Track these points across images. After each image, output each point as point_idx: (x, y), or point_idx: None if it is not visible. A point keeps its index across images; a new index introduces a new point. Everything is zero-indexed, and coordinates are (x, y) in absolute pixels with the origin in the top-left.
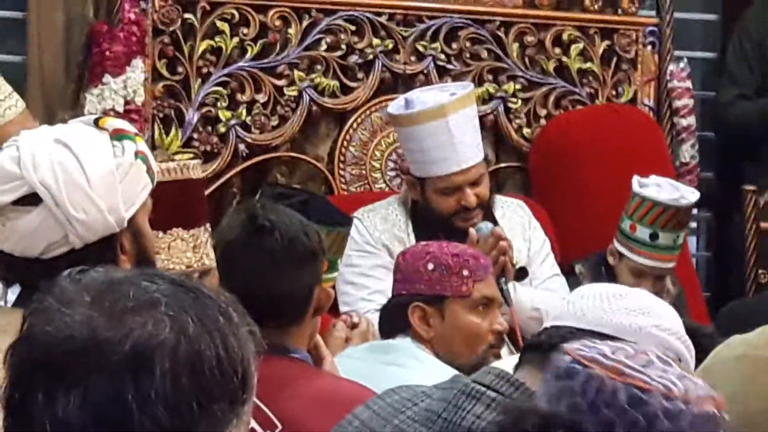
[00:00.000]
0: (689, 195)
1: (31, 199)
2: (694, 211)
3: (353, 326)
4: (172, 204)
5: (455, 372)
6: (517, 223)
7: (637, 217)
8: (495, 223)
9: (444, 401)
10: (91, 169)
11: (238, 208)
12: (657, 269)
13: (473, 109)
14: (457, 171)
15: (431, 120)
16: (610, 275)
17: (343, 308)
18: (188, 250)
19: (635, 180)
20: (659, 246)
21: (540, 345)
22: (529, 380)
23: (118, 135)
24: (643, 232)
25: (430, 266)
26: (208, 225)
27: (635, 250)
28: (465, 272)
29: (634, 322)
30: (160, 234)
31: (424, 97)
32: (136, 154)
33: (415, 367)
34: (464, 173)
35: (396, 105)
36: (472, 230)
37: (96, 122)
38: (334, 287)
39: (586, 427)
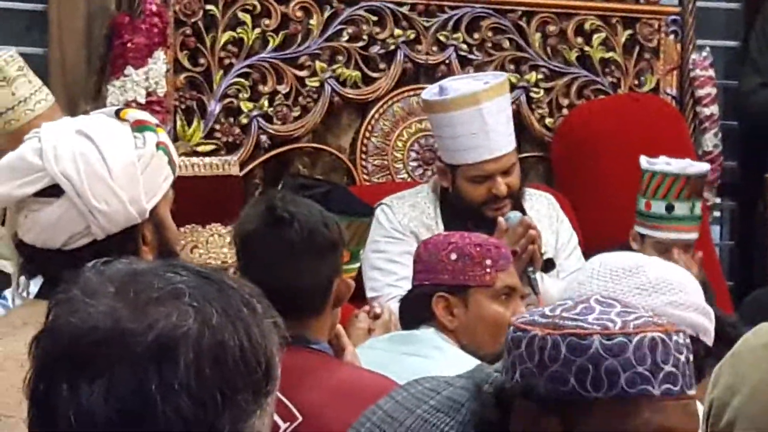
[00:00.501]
0: (699, 165)
1: (53, 191)
2: (718, 200)
3: (375, 317)
4: (211, 199)
5: (477, 362)
6: (545, 215)
7: (650, 193)
8: (524, 213)
9: (466, 390)
10: (113, 161)
11: (258, 199)
12: (680, 241)
13: (506, 99)
14: (489, 159)
15: (465, 107)
16: None
17: (369, 294)
18: (225, 246)
19: (643, 159)
20: (676, 217)
21: None
22: None
23: (139, 126)
24: (658, 207)
25: (453, 256)
26: None
27: (654, 225)
28: (488, 262)
29: (646, 303)
30: (199, 228)
31: (458, 85)
32: (158, 145)
33: (437, 358)
34: (496, 161)
35: (430, 92)
36: (501, 219)
37: (117, 113)
38: (354, 278)
39: (539, 389)
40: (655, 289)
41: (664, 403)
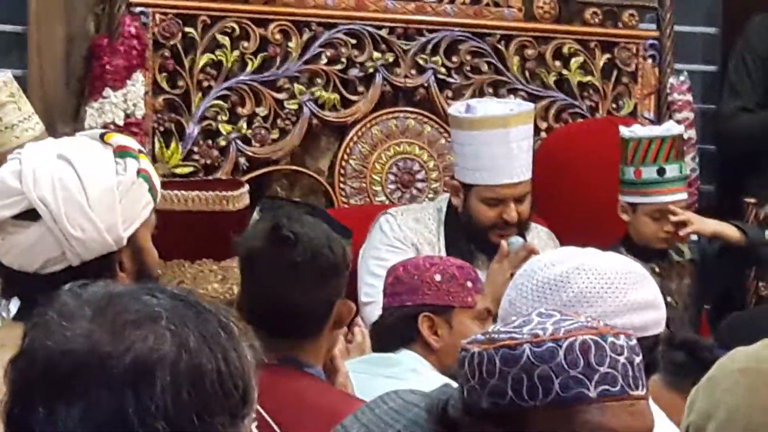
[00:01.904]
0: (677, 125)
1: (31, 215)
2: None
3: (349, 341)
4: (203, 234)
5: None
6: (543, 248)
7: (639, 160)
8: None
9: (427, 411)
10: (92, 187)
11: (264, 216)
12: (675, 202)
13: (530, 128)
14: (507, 183)
15: (494, 128)
16: None
17: (364, 298)
18: (215, 282)
19: (623, 129)
20: (669, 180)
21: None
22: None
23: (121, 152)
24: (649, 172)
25: (438, 277)
26: None
27: (648, 191)
28: (469, 284)
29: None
30: (187, 264)
31: (485, 106)
32: (139, 172)
33: (412, 381)
34: (513, 187)
35: (456, 108)
36: (503, 242)
37: (102, 137)
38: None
39: (482, 404)
40: (581, 303)
41: (604, 404)
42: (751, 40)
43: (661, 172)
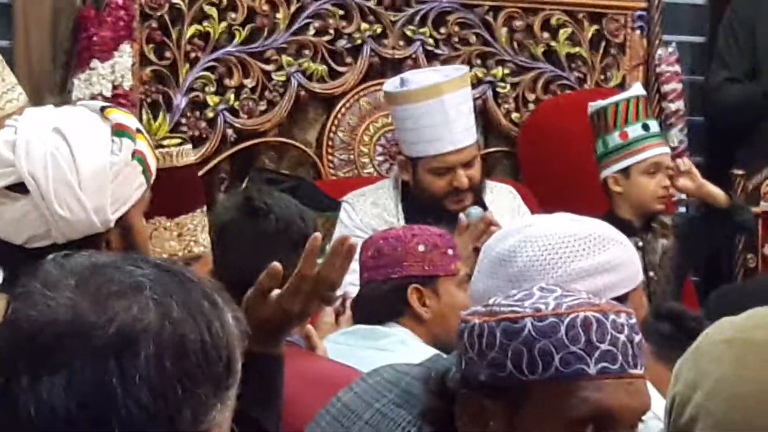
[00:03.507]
0: (638, 86)
1: (21, 188)
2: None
3: (337, 314)
4: (153, 192)
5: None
6: (507, 207)
7: (621, 121)
8: (484, 207)
9: (423, 381)
10: (84, 167)
11: (236, 190)
12: (664, 155)
13: (468, 91)
14: (451, 150)
15: (427, 98)
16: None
17: None
18: (172, 239)
19: (591, 104)
20: (654, 134)
21: None
22: None
23: (118, 131)
24: (635, 130)
25: (421, 247)
26: (199, 211)
27: (639, 149)
28: (450, 251)
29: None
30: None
31: (419, 77)
32: (134, 153)
33: (402, 352)
34: (458, 153)
35: (391, 83)
36: (462, 215)
37: (102, 110)
38: None
39: (480, 375)
40: (526, 278)
41: (602, 381)
42: (739, 11)
43: (645, 127)
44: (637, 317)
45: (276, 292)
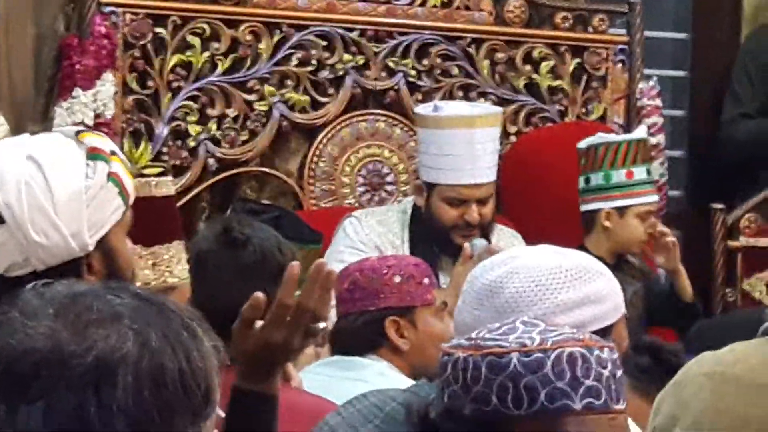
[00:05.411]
0: (643, 129)
1: None
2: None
3: (318, 344)
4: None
5: None
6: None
7: (630, 160)
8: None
9: (406, 412)
10: (59, 192)
11: (215, 219)
12: (656, 203)
13: (497, 132)
14: (470, 184)
15: (459, 127)
16: None
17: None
18: (147, 268)
19: (604, 135)
20: (652, 181)
21: None
22: None
23: (93, 154)
24: (641, 173)
25: (397, 279)
26: (176, 243)
27: (641, 192)
28: (426, 281)
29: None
30: None
31: (454, 105)
32: (109, 176)
33: (383, 385)
34: (476, 188)
35: (424, 108)
36: (466, 245)
37: (77, 134)
38: None
39: (465, 410)
40: (513, 309)
41: (587, 417)
42: (754, 48)
43: (648, 172)
44: (620, 349)
45: (260, 323)
